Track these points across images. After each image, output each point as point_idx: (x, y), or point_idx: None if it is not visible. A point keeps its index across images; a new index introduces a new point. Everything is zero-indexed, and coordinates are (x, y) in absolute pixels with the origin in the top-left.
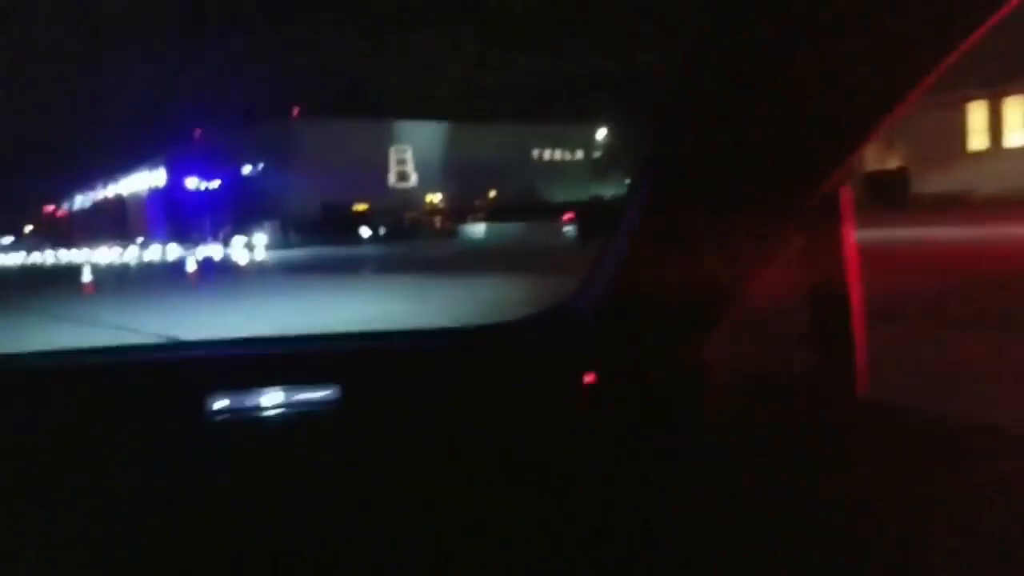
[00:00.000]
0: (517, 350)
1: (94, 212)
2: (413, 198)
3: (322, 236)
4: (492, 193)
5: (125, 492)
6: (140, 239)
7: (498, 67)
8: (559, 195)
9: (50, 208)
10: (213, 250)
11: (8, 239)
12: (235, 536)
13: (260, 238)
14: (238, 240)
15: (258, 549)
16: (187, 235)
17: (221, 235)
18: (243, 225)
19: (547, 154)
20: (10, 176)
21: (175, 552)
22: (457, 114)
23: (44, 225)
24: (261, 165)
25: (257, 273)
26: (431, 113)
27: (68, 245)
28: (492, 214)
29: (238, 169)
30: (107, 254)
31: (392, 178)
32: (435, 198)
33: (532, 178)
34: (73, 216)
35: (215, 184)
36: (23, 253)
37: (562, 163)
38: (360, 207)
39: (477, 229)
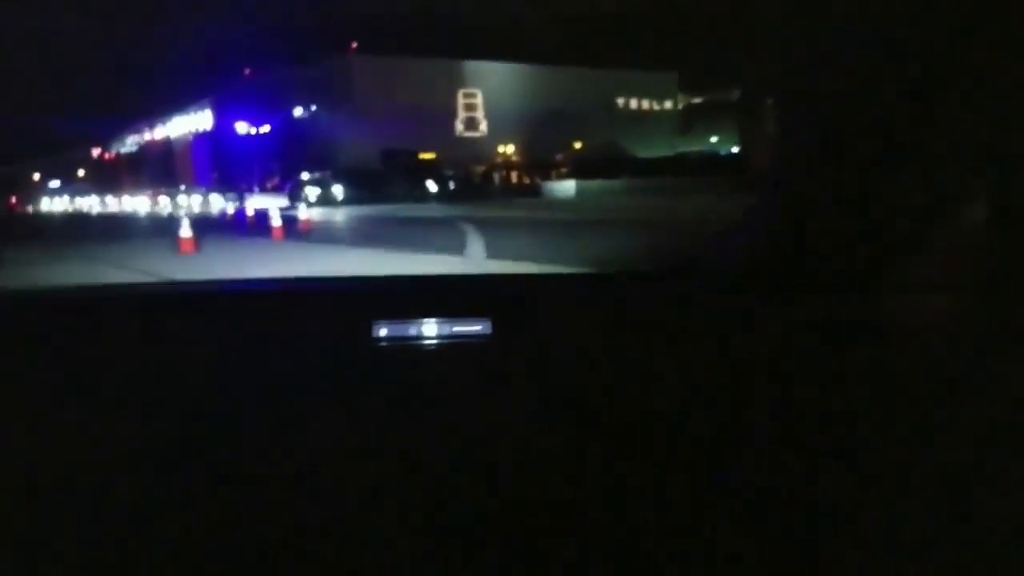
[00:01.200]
0: (661, 297)
1: (141, 156)
2: (482, 149)
3: (382, 189)
4: (577, 144)
5: (299, 410)
6: (183, 187)
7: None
8: (643, 149)
9: (98, 151)
10: (267, 202)
11: (55, 182)
12: (389, 456)
13: (313, 191)
14: (311, 191)
15: (414, 468)
16: (234, 184)
17: (270, 185)
18: (293, 175)
19: (633, 103)
20: (56, 114)
21: (338, 462)
22: (532, 55)
23: (94, 169)
24: (314, 107)
25: (327, 234)
26: (503, 53)
27: (117, 191)
28: (579, 169)
29: (290, 112)
30: (157, 203)
31: (459, 126)
32: (508, 149)
33: (616, 130)
34: (120, 160)
35: (265, 129)
36: (76, 198)
37: (650, 114)
38: (427, 156)
39: (564, 187)
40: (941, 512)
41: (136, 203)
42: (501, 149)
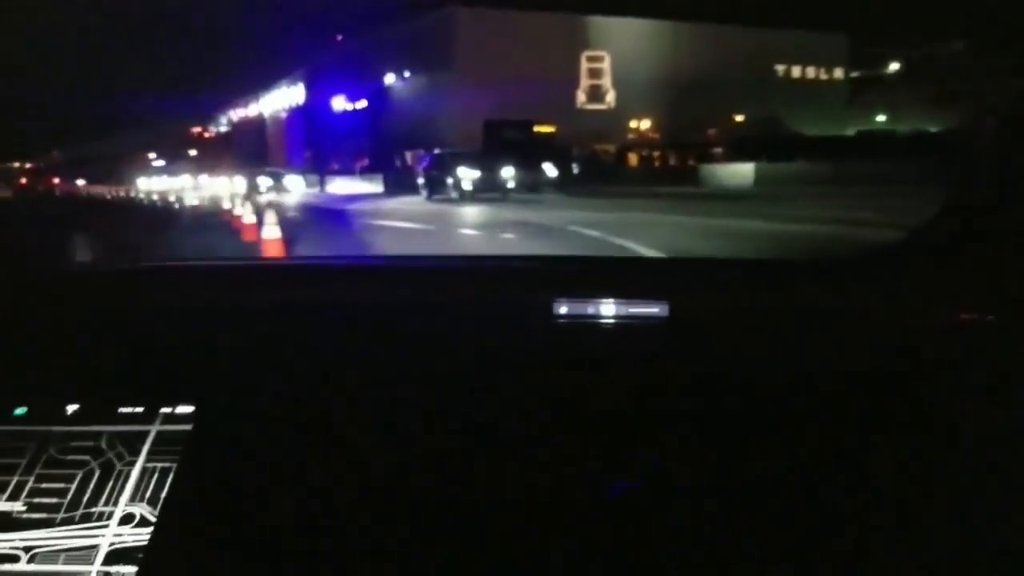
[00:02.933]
0: (847, 287)
1: (234, 135)
2: (611, 124)
3: (488, 175)
4: (739, 117)
5: (485, 380)
6: (272, 168)
7: None
8: (805, 125)
9: (196, 129)
10: (353, 186)
11: (160, 161)
12: (566, 428)
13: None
14: (466, 173)
15: (590, 442)
16: (325, 164)
17: (358, 167)
18: (385, 155)
19: (795, 70)
20: (154, 92)
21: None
22: (671, 9)
23: (191, 147)
24: (407, 74)
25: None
26: (637, 7)
27: (214, 170)
28: (743, 148)
29: (382, 83)
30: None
31: (582, 96)
32: (642, 124)
33: (774, 102)
34: (218, 138)
35: (358, 104)
36: (177, 176)
37: (815, 83)
38: (545, 129)
39: (736, 171)
40: None
41: (225, 183)
42: (633, 124)
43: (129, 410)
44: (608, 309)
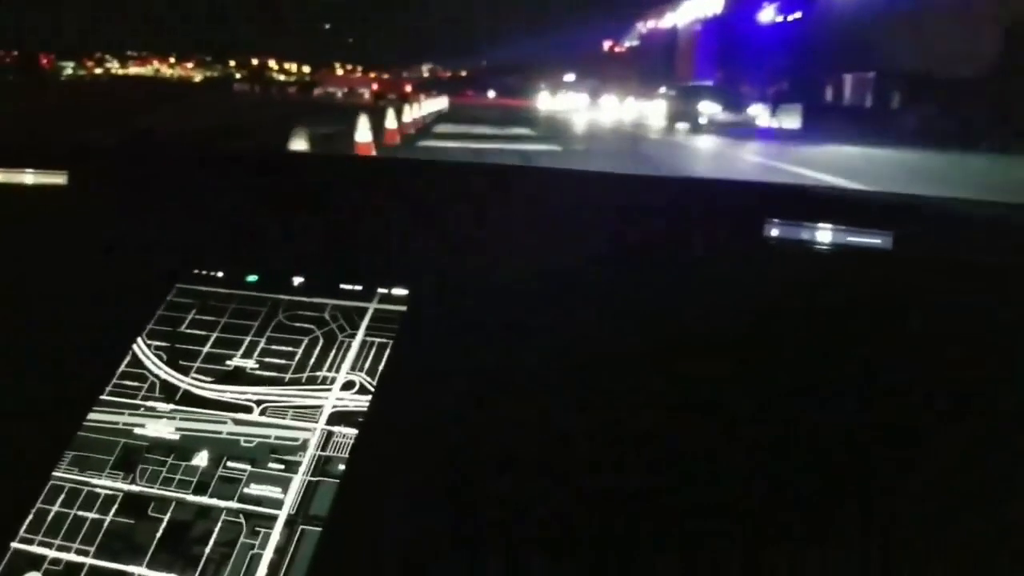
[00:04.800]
0: None
1: (640, 50)
2: None
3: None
4: None
5: (692, 294)
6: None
7: None
8: None
9: (609, 43)
10: (759, 116)
11: (569, 76)
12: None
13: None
14: None
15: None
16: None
17: (771, 92)
18: (810, 82)
19: None
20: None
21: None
22: None
23: (602, 64)
24: None
25: None
26: None
27: (621, 89)
28: None
29: None
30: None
31: None
32: None
33: None
34: (627, 54)
35: (793, 15)
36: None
37: None
38: None
39: None
40: None
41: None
42: None
43: (349, 287)
44: (824, 236)
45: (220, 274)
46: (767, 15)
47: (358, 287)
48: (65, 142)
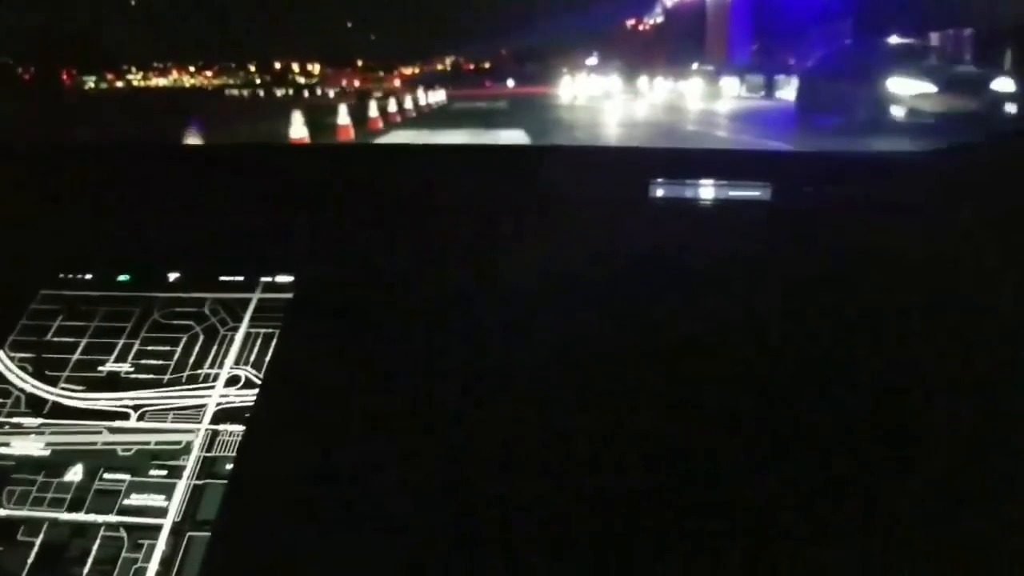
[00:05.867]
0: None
1: (667, 25)
2: None
3: None
4: None
5: (578, 258)
6: (711, 67)
7: None
8: None
9: (632, 21)
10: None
11: (592, 59)
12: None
13: None
14: None
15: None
16: (774, 62)
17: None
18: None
19: None
20: None
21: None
22: None
23: (625, 43)
24: None
25: None
26: None
27: (645, 69)
28: None
29: None
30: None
31: None
32: None
33: None
34: (651, 31)
35: None
36: (610, 76)
37: None
38: None
39: None
40: None
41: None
42: None
43: (230, 279)
44: (707, 191)
45: (88, 276)
46: None
47: (239, 278)
48: None
